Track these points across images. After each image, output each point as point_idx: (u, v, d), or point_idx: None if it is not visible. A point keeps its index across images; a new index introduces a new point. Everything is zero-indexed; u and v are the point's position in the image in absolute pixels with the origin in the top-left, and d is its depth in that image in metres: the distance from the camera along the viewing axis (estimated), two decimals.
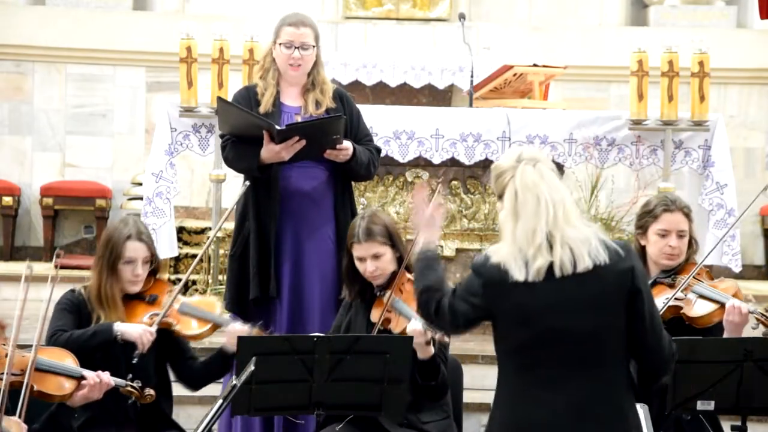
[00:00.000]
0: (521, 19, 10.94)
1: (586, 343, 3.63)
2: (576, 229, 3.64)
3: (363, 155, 5.39)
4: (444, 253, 7.23)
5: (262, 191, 5.36)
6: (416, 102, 9.71)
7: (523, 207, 3.64)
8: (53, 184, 10.17)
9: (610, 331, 3.65)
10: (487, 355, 6.74)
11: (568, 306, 3.62)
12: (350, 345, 4.40)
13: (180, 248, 8.06)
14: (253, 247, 5.37)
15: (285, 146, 5.22)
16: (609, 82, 10.55)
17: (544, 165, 3.69)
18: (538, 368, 3.68)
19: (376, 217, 4.99)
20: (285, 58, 5.40)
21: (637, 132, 7.24)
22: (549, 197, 3.63)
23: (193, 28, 7.21)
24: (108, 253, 4.85)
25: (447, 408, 4.93)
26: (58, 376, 4.47)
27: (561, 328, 3.62)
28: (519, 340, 3.70)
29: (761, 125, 10.54)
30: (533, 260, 3.61)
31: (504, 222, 3.69)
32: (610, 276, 3.63)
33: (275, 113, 5.39)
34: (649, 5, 11.06)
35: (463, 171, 7.28)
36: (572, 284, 3.62)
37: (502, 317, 3.72)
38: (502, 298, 3.67)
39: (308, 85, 5.46)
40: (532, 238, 3.61)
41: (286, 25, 5.46)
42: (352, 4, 10.74)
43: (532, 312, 3.64)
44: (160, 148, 7.09)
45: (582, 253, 3.61)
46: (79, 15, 10.49)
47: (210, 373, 4.95)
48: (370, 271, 4.91)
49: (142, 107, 10.48)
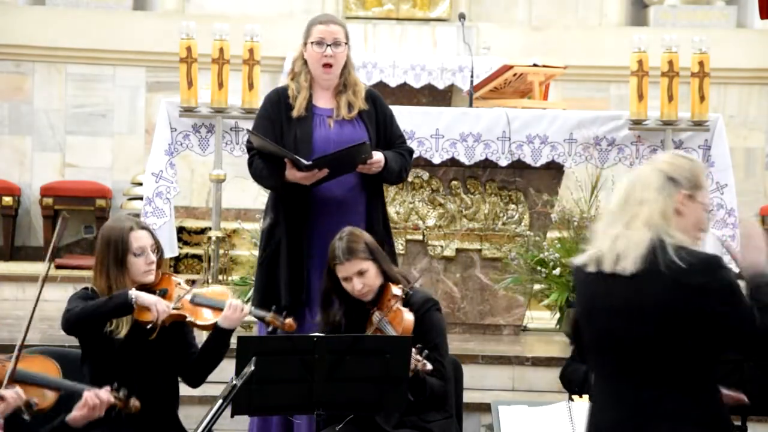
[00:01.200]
0: (521, 19, 10.95)
1: (623, 350, 3.55)
2: (639, 231, 3.53)
3: (395, 163, 5.38)
4: (444, 253, 7.23)
5: (294, 199, 5.36)
6: (416, 102, 9.72)
7: (613, 202, 3.64)
8: (53, 184, 10.18)
9: (645, 344, 3.52)
10: (487, 355, 6.74)
11: (604, 305, 3.56)
12: (350, 345, 4.40)
13: (180, 248, 8.07)
14: (283, 254, 5.36)
15: (307, 176, 5.23)
16: (609, 82, 10.56)
17: (654, 165, 3.60)
18: (592, 365, 3.70)
19: (354, 235, 4.95)
20: (317, 57, 5.39)
21: (637, 132, 7.24)
22: (633, 196, 3.57)
23: (193, 28, 7.20)
24: (113, 250, 4.81)
25: (449, 407, 4.93)
26: (39, 388, 4.37)
27: (603, 329, 3.58)
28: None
29: (761, 125, 10.55)
30: (591, 250, 3.61)
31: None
32: (655, 287, 3.50)
33: (308, 117, 5.38)
34: (649, 5, 11.06)
35: (463, 171, 7.28)
36: (616, 284, 3.54)
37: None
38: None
39: (340, 86, 5.45)
40: (605, 228, 3.60)
41: (317, 23, 5.48)
42: (352, 4, 10.75)
43: (583, 301, 3.65)
44: (160, 148, 7.09)
45: (627, 256, 3.51)
46: (79, 15, 10.50)
47: (207, 355, 4.88)
48: (358, 289, 4.87)
49: (142, 107, 10.49)
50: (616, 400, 3.54)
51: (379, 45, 10.54)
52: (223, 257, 7.30)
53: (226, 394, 3.79)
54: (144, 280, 4.83)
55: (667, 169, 3.60)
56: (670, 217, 3.54)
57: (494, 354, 6.77)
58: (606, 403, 3.57)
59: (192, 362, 4.92)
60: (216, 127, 7.07)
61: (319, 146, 5.32)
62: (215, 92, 7.13)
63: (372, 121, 5.45)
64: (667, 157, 3.67)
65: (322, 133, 5.38)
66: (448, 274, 7.23)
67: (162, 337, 4.79)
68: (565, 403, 4.68)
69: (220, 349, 4.91)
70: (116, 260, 4.80)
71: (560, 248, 7.04)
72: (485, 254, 7.31)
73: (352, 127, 5.41)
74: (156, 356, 4.79)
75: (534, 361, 6.68)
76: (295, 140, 5.34)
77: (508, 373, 6.69)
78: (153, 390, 4.77)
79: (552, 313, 7.33)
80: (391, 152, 5.42)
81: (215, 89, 7.13)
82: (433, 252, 7.27)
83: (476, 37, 10.34)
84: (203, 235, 8.70)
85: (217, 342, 4.86)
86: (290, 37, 10.09)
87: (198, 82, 7.14)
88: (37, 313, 4.52)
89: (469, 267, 7.31)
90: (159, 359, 4.82)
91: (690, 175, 3.60)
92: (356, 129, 5.42)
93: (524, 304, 7.36)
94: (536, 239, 7.15)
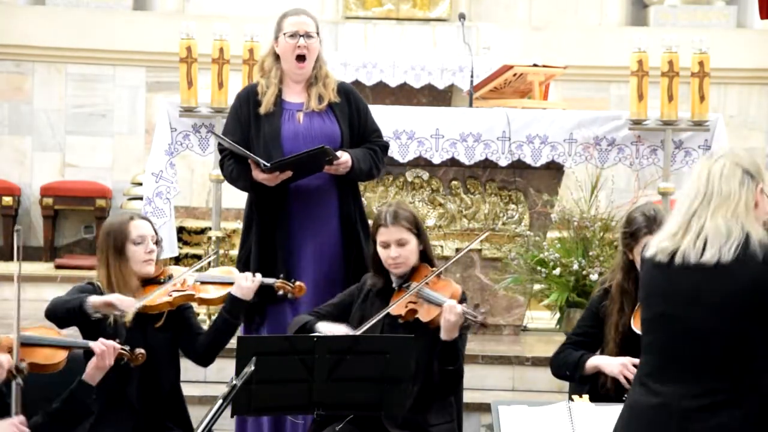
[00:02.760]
0: (521, 19, 10.95)
1: (696, 339, 3.54)
2: (721, 221, 3.55)
3: (363, 163, 5.36)
4: (444, 253, 7.23)
5: (266, 193, 5.36)
6: (416, 102, 9.72)
7: (687, 193, 3.63)
8: (53, 184, 10.18)
9: (721, 336, 3.51)
10: (487, 355, 6.74)
11: (683, 296, 3.55)
12: (350, 345, 4.39)
13: (180, 248, 8.06)
14: (254, 258, 5.36)
15: (270, 178, 5.24)
16: (609, 82, 10.56)
17: (728, 159, 3.62)
18: (648, 353, 3.65)
19: (404, 205, 5.00)
20: (291, 49, 5.39)
21: (637, 132, 7.24)
22: (710, 189, 3.58)
23: (193, 28, 7.21)
24: (112, 240, 4.82)
25: (452, 411, 4.93)
26: (45, 348, 4.45)
27: (672, 316, 3.57)
28: (642, 326, 3.70)
29: (761, 125, 10.55)
30: (666, 240, 3.60)
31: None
32: (743, 278, 3.50)
33: (276, 112, 5.38)
34: (649, 5, 11.06)
35: (463, 171, 7.28)
36: (692, 273, 3.54)
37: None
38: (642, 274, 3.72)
39: (311, 79, 5.44)
40: (678, 219, 3.60)
41: (288, 16, 5.49)
42: (352, 4, 10.75)
43: (649, 293, 3.64)
44: (160, 148, 7.09)
45: (712, 245, 3.52)
46: (79, 15, 10.50)
47: (219, 330, 4.91)
48: (393, 258, 4.85)
49: (142, 107, 10.49)
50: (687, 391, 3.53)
51: (379, 45, 10.53)
52: (223, 257, 7.30)
53: (226, 394, 3.78)
54: (144, 269, 4.84)
55: (743, 163, 3.64)
56: (750, 210, 3.59)
57: (494, 354, 6.77)
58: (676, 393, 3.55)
59: (201, 341, 4.94)
60: (216, 127, 7.07)
61: (288, 141, 5.31)
62: (215, 92, 7.13)
63: (345, 114, 5.42)
64: (733, 151, 3.69)
65: (290, 128, 5.37)
66: (448, 274, 7.22)
67: (169, 323, 4.82)
68: (565, 403, 4.67)
69: (233, 322, 4.95)
70: (116, 249, 4.82)
71: (560, 248, 7.04)
72: (485, 254, 7.31)
73: (322, 120, 5.39)
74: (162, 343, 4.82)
75: (534, 361, 6.68)
76: (264, 137, 5.34)
77: (508, 373, 6.69)
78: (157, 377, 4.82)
79: (552, 313, 7.33)
80: (361, 150, 5.39)
81: (215, 89, 7.13)
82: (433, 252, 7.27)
83: (476, 37, 10.35)
84: (203, 235, 8.69)
85: (230, 313, 4.91)
86: None
87: (198, 82, 7.15)
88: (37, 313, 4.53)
89: (469, 267, 7.31)
90: (165, 346, 4.84)
91: (759, 169, 3.67)
92: (326, 122, 5.39)
93: (524, 304, 7.36)
94: (536, 239, 7.15)
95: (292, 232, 5.35)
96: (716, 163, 3.64)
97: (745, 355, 3.51)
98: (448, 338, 4.66)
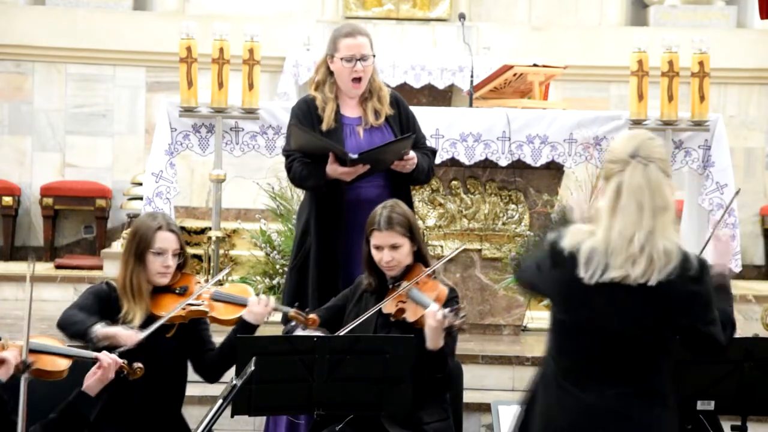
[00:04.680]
0: (521, 19, 10.94)
1: (622, 349, 3.60)
2: (668, 241, 3.55)
3: (423, 162, 5.45)
4: (444, 253, 7.23)
5: (326, 203, 5.39)
6: (416, 102, 9.71)
7: (624, 209, 3.55)
8: (53, 184, 10.18)
9: (652, 345, 3.60)
10: (487, 355, 6.75)
11: (619, 312, 3.57)
12: (350, 345, 4.40)
13: None
14: (313, 262, 5.40)
15: (350, 171, 5.27)
16: (609, 82, 10.56)
17: (656, 166, 3.58)
18: (572, 360, 3.67)
19: (398, 208, 5.00)
20: (347, 73, 5.42)
21: None
22: (652, 205, 3.54)
23: (193, 28, 7.20)
24: (136, 243, 4.84)
25: (447, 409, 4.93)
26: (52, 356, 4.46)
27: (601, 328, 3.60)
28: (561, 329, 3.70)
29: (761, 125, 10.55)
30: (614, 269, 3.54)
31: (601, 212, 3.61)
32: (673, 294, 3.55)
33: (338, 128, 5.42)
34: (649, 5, 11.06)
35: (463, 171, 7.27)
36: (631, 293, 3.55)
37: (552, 298, 3.75)
38: (560, 281, 3.64)
39: (366, 93, 5.49)
40: (627, 246, 3.53)
41: (343, 37, 5.47)
42: (352, 4, 10.75)
43: (579, 307, 3.62)
44: (160, 148, 7.08)
45: (657, 268, 3.53)
46: (79, 15, 10.49)
47: (228, 351, 4.88)
48: (386, 261, 4.91)
49: (142, 107, 10.49)
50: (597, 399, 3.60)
51: (379, 45, 10.51)
52: (223, 257, 7.30)
53: (226, 394, 3.79)
54: (157, 280, 4.86)
55: (665, 168, 3.62)
56: (674, 217, 3.61)
57: (494, 354, 6.77)
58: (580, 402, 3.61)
59: (210, 358, 4.94)
60: (216, 127, 7.07)
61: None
62: (215, 92, 7.12)
63: (397, 123, 5.52)
64: (656, 150, 3.63)
65: (353, 143, 5.43)
66: (448, 274, 7.23)
67: (179, 334, 4.82)
68: None
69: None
70: (137, 253, 4.84)
71: None
72: (485, 254, 7.31)
73: (381, 134, 5.49)
74: (170, 352, 4.81)
75: (534, 361, 6.67)
76: None
77: (508, 373, 6.69)
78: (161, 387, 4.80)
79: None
80: (418, 152, 5.47)
81: (215, 89, 7.12)
82: (433, 252, 7.27)
83: (476, 37, 10.34)
84: (203, 235, 8.69)
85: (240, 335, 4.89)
86: (290, 37, 10.14)
87: (198, 82, 7.14)
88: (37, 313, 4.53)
89: (469, 267, 7.31)
90: (172, 354, 4.84)
91: (669, 165, 3.66)
92: (385, 135, 5.48)
93: (524, 304, 7.36)
94: (536, 239, 7.14)
95: (350, 239, 5.36)
96: (645, 173, 3.58)
97: (665, 356, 3.61)
98: (433, 347, 4.67)
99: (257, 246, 7.64)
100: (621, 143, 3.65)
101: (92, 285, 4.98)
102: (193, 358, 4.96)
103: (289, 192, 7.57)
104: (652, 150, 3.61)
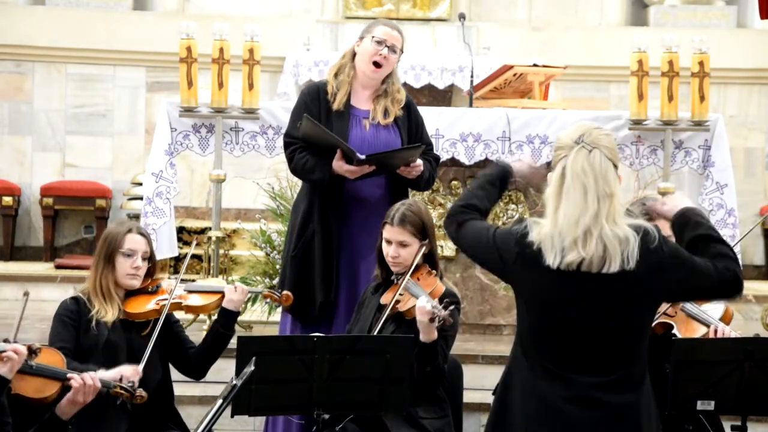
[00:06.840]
0: (521, 19, 10.95)
1: (598, 341, 3.63)
2: (618, 227, 3.59)
3: (426, 169, 5.48)
4: (444, 253, 7.23)
5: (328, 196, 5.41)
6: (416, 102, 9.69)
7: (568, 193, 3.60)
8: (53, 184, 10.18)
9: (626, 333, 3.64)
10: (487, 355, 6.74)
11: (589, 303, 3.61)
12: (350, 345, 4.40)
13: (180, 248, 8.06)
14: (318, 250, 5.42)
15: (355, 171, 5.29)
16: (609, 82, 10.56)
17: (601, 152, 3.62)
18: (545, 357, 3.69)
19: (415, 207, 5.04)
20: (372, 52, 5.45)
21: (637, 132, 7.23)
22: (596, 190, 3.59)
23: (193, 28, 7.20)
24: (106, 245, 4.87)
25: (446, 407, 4.93)
26: (39, 378, 4.36)
27: (576, 321, 3.62)
28: (533, 323, 3.70)
29: (761, 125, 10.55)
30: (568, 251, 3.59)
31: (548, 198, 3.66)
32: (639, 281, 3.59)
33: (345, 115, 5.43)
34: (649, 5, 11.07)
35: (463, 171, 7.28)
36: (598, 283, 3.59)
37: (522, 294, 3.74)
38: (530, 276, 3.66)
39: (380, 91, 5.53)
40: (574, 228, 3.58)
41: (382, 25, 5.57)
42: (352, 4, 10.75)
43: (551, 300, 3.64)
44: (160, 148, 7.08)
45: (615, 254, 3.57)
46: (79, 15, 10.50)
47: (211, 344, 4.94)
48: (392, 256, 4.97)
49: (142, 107, 10.49)
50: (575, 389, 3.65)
51: None
52: (223, 257, 7.30)
53: (226, 394, 3.79)
54: (127, 282, 4.87)
55: (612, 156, 3.67)
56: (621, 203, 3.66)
57: (494, 354, 6.77)
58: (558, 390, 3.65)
59: (194, 354, 4.96)
60: (216, 127, 7.07)
61: (355, 145, 5.36)
62: (215, 92, 7.12)
63: (405, 127, 5.54)
64: (602, 138, 3.69)
65: (357, 134, 5.45)
66: (448, 274, 7.22)
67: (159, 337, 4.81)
68: None
69: (226, 335, 4.97)
70: (106, 256, 4.86)
71: None
72: None
73: (388, 132, 5.50)
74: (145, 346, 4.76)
75: None
76: None
77: None
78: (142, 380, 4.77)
79: None
80: (423, 159, 5.50)
81: (215, 89, 7.12)
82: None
83: (476, 37, 10.35)
84: (203, 235, 8.70)
85: (223, 326, 4.94)
86: (290, 37, 10.13)
87: (198, 82, 7.14)
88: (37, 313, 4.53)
89: (469, 267, 7.31)
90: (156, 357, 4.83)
91: (617, 154, 3.73)
92: (391, 135, 5.50)
93: None
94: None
95: (350, 232, 5.43)
96: (589, 159, 3.62)
97: (641, 341, 3.68)
98: (425, 339, 4.71)
99: (257, 246, 7.64)
100: (567, 132, 3.72)
101: (58, 312, 4.87)
102: (174, 359, 4.98)
103: (289, 192, 7.57)
104: (597, 137, 3.67)
